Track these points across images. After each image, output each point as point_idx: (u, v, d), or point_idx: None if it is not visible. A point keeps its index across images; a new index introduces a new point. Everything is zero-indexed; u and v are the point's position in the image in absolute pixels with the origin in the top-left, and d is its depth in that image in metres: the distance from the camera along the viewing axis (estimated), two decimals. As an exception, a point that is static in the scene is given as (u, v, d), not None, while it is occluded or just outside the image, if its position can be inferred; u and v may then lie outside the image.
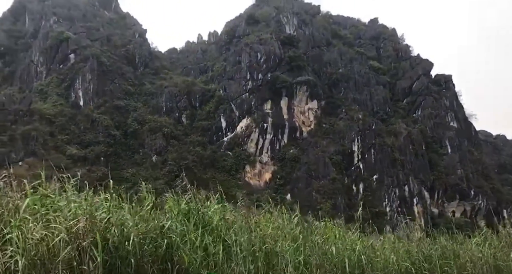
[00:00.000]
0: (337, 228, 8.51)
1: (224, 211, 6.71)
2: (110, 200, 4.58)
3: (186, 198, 6.57)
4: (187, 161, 49.27)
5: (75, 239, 3.83)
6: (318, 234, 7.77)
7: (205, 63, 71.07)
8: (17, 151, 47.05)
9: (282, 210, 8.41)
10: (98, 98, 57.27)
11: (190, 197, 6.75)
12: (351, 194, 54.91)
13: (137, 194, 6.36)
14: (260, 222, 7.47)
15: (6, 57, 68.79)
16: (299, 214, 8.30)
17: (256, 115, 56.68)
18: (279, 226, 7.40)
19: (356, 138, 57.45)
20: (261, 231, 6.84)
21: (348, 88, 66.29)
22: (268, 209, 8.16)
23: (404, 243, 8.11)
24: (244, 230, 6.52)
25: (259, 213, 8.43)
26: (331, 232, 7.90)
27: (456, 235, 7.86)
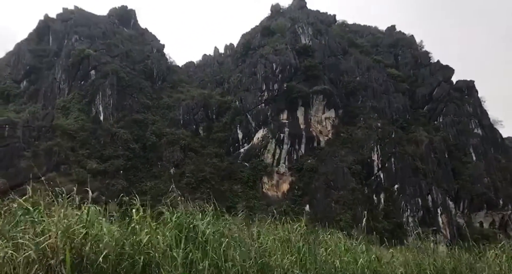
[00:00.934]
0: (343, 239, 8.16)
1: (220, 224, 6.50)
2: (89, 213, 4.38)
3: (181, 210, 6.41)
4: (205, 173, 49.37)
5: (43, 257, 3.68)
6: (325, 245, 7.46)
7: (221, 75, 71.82)
8: (40, 166, 48.30)
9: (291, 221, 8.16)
10: (117, 112, 58.49)
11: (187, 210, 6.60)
12: (371, 204, 53.52)
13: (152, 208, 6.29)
14: (260, 234, 7.22)
15: (32, 76, 71.50)
16: (319, 224, 7.98)
17: (273, 125, 56.50)
18: (281, 238, 7.13)
19: (376, 147, 56.31)
20: (261, 244, 6.58)
21: (366, 97, 65.41)
22: (280, 220, 7.98)
23: (415, 255, 7.68)
24: (240, 243, 6.28)
25: (269, 225, 8.17)
26: (337, 244, 7.57)
27: (485, 246, 7.41)
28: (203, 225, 5.87)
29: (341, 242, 7.69)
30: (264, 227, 8.29)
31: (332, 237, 8.16)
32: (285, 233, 7.50)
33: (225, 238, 5.91)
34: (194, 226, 5.79)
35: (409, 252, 8.23)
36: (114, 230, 4.36)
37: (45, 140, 51.14)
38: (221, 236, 5.98)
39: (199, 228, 5.79)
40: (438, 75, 73.52)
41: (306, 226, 9.23)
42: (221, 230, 6.15)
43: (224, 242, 5.73)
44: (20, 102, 66.96)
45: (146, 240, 4.34)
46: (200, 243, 5.54)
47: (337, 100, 61.56)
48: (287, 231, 7.62)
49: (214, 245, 5.59)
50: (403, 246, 8.49)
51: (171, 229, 5.63)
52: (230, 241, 5.91)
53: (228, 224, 6.85)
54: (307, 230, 8.47)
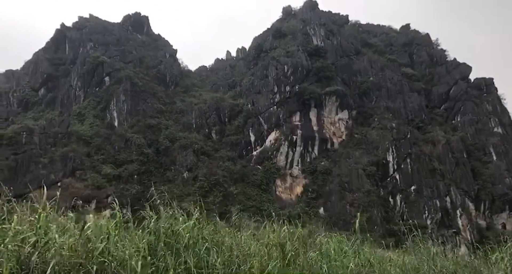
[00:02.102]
0: (335, 241, 7.85)
1: (204, 228, 6.29)
2: (40, 219, 4.15)
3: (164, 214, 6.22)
4: (217, 176, 49.35)
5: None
6: (321, 249, 7.17)
7: (233, 79, 71.94)
8: (56, 172, 49.27)
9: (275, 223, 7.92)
10: (131, 118, 59.24)
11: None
12: (387, 206, 52.47)
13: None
14: (248, 239, 6.98)
15: (49, 83, 73.15)
16: (333, 227, 7.65)
17: (285, 128, 56.13)
18: (267, 243, 6.86)
19: (391, 148, 55.20)
20: (247, 249, 6.34)
21: (380, 97, 64.32)
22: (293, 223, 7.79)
23: (412, 258, 7.31)
24: (224, 248, 6.05)
25: (265, 228, 7.92)
26: (335, 248, 7.28)
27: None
28: (184, 230, 5.67)
29: (338, 245, 7.40)
30: (260, 230, 8.03)
31: (330, 240, 7.86)
32: (280, 236, 7.19)
33: (206, 243, 5.71)
34: (173, 231, 5.62)
35: (409, 254, 7.85)
36: (70, 237, 4.13)
37: (61, 146, 52.22)
38: (203, 241, 5.77)
39: (179, 233, 5.61)
40: (455, 73, 71.70)
41: (309, 229, 8.97)
42: (200, 235, 5.89)
43: (203, 248, 5.51)
44: (38, 109, 68.54)
45: (102, 247, 4.08)
46: (178, 249, 5.35)
47: (350, 101, 60.76)
48: (283, 234, 7.32)
49: (192, 251, 5.40)
50: (401, 248, 8.10)
51: (149, 234, 5.46)
52: (210, 246, 5.69)
53: (212, 229, 6.62)
54: (306, 233, 8.21)
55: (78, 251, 3.91)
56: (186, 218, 6.16)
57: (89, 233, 4.24)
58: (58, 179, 48.67)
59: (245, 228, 7.95)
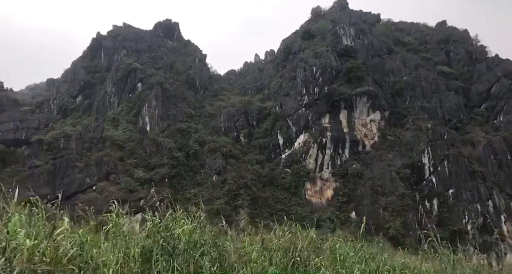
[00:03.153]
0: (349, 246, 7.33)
1: (205, 233, 5.99)
2: (13, 223, 3.96)
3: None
4: (246, 180, 49.20)
5: None
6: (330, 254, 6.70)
7: (261, 81, 71.88)
8: (91, 176, 51.02)
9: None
10: (162, 122, 60.52)
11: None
12: (423, 210, 50.14)
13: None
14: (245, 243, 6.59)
15: (86, 90, 76.30)
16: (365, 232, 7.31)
17: (314, 130, 55.19)
18: (271, 248, 6.44)
19: (426, 149, 52.82)
20: (248, 253, 5.96)
21: (415, 97, 61.85)
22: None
23: (428, 265, 6.68)
24: (224, 253, 5.72)
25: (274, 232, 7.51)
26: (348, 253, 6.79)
27: None
28: (183, 233, 5.41)
29: (352, 250, 6.91)
30: (269, 234, 7.62)
31: (342, 245, 7.34)
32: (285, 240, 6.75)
33: (202, 247, 5.43)
34: (172, 235, 5.39)
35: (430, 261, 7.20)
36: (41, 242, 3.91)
37: (96, 151, 54.08)
38: (200, 245, 5.48)
39: (177, 237, 5.37)
40: (496, 70, 67.70)
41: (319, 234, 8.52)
42: (199, 239, 5.59)
43: (198, 253, 5.21)
44: (76, 116, 71.56)
45: (72, 254, 3.85)
46: (175, 253, 5.10)
47: (382, 102, 58.85)
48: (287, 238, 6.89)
49: (188, 255, 5.12)
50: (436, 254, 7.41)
51: (144, 238, 5.29)
52: (206, 251, 5.37)
53: (213, 233, 6.34)
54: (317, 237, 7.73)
55: (46, 258, 3.70)
56: (190, 221, 5.92)
57: (60, 238, 4.02)
58: (93, 182, 50.35)
59: (265, 232, 7.50)
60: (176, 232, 5.22)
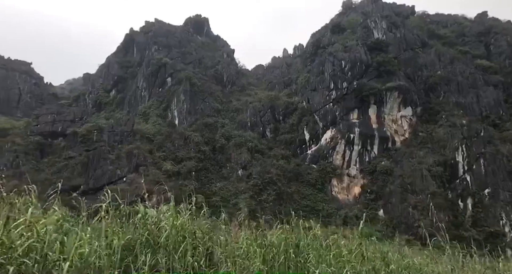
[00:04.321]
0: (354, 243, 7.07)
1: (197, 224, 5.93)
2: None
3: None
4: (271, 175, 49.08)
5: None
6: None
7: (289, 76, 71.18)
8: (122, 167, 52.62)
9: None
10: (190, 117, 61.44)
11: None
12: (456, 210, 48.12)
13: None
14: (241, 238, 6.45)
15: (119, 85, 78.80)
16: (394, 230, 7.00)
17: (342, 126, 54.08)
18: (265, 244, 6.27)
19: (460, 147, 50.47)
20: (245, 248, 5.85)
21: (449, 92, 59.15)
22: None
23: (433, 266, 6.35)
24: (205, 247, 5.58)
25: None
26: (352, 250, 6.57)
27: None
28: (172, 225, 5.34)
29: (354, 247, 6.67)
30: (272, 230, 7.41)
31: (346, 242, 7.09)
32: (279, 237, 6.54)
33: (185, 240, 5.35)
34: (159, 227, 5.35)
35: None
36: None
37: (127, 143, 55.68)
38: (184, 239, 5.39)
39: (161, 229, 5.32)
40: (541, 64, 63.60)
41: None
42: (187, 233, 5.51)
43: (181, 247, 5.10)
44: (109, 109, 74.13)
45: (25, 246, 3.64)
46: (161, 245, 5.06)
47: (414, 97, 56.72)
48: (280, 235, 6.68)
49: (173, 249, 5.06)
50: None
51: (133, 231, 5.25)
52: (189, 245, 5.26)
53: (206, 226, 6.22)
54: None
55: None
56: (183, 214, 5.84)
57: (16, 230, 3.88)
58: (123, 174, 51.88)
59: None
60: (161, 225, 5.15)
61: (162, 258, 4.51)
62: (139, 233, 5.08)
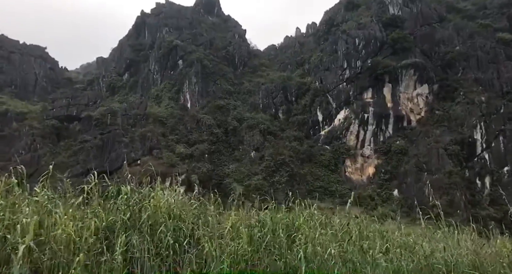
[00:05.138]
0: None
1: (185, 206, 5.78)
2: None
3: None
4: (283, 156, 48.92)
5: None
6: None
7: (302, 56, 69.76)
8: (136, 150, 53.28)
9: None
10: (202, 99, 61.31)
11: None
12: (473, 189, 47.22)
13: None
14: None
15: (131, 68, 78.88)
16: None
17: (355, 105, 53.05)
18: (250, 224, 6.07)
19: (479, 124, 49.00)
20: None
21: (468, 68, 56.94)
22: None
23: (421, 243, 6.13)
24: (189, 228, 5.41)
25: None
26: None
27: None
28: (153, 206, 5.18)
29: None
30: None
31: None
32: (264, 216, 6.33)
33: (178, 221, 5.22)
34: (142, 207, 5.20)
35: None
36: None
37: (140, 127, 56.16)
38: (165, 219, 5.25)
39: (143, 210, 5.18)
40: None
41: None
42: (171, 213, 5.35)
43: (160, 227, 4.92)
44: (123, 93, 74.52)
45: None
46: (142, 227, 4.94)
47: (431, 74, 54.93)
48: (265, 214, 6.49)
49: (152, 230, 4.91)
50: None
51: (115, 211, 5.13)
52: (170, 226, 5.09)
53: (194, 207, 6.05)
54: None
55: None
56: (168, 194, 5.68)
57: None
58: (137, 157, 52.57)
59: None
60: (143, 205, 5.01)
61: (136, 239, 4.37)
62: (120, 214, 4.97)
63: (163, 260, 4.51)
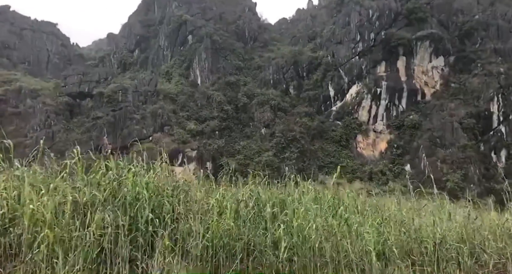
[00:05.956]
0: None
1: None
2: None
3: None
4: (294, 133, 48.65)
5: None
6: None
7: (313, 29, 67.82)
8: (148, 127, 53.74)
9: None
10: (212, 75, 60.81)
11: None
12: (488, 163, 46.44)
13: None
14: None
15: (142, 44, 78.27)
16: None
17: (368, 80, 51.82)
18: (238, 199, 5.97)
19: (496, 97, 47.53)
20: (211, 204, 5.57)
21: (487, 38, 54.63)
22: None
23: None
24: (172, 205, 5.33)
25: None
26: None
27: None
28: (132, 181, 5.08)
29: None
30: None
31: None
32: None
33: (161, 197, 5.15)
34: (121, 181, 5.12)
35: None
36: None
37: (151, 103, 56.36)
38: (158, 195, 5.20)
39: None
40: None
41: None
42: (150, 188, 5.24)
43: (137, 203, 4.81)
44: (134, 69, 74.30)
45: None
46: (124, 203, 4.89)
47: (447, 46, 52.95)
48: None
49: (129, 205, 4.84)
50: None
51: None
52: (147, 202, 4.97)
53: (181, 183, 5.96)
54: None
55: None
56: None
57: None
58: (149, 133, 53.09)
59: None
60: (122, 180, 4.94)
61: (110, 215, 4.31)
62: (100, 189, 4.93)
63: (142, 236, 4.47)
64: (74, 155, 5.05)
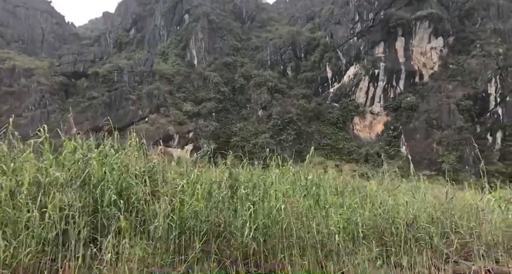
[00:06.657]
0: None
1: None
2: None
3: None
4: (291, 114, 48.47)
5: None
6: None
7: (312, 9, 66.58)
8: (144, 108, 53.40)
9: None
10: (209, 56, 60.01)
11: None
12: (484, 145, 46.48)
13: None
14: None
15: (138, 23, 76.83)
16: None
17: (366, 61, 51.23)
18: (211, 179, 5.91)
19: (494, 78, 47.12)
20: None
21: (487, 18, 53.69)
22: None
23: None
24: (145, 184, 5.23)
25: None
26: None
27: None
28: (99, 161, 4.98)
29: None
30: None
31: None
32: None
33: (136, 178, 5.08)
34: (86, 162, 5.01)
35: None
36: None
37: (147, 84, 55.83)
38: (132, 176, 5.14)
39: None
40: None
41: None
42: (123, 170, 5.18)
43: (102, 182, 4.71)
44: (130, 49, 73.26)
45: None
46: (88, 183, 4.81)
47: (447, 26, 52.09)
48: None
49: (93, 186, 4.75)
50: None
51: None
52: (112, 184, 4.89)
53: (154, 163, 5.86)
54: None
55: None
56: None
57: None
58: (145, 114, 52.84)
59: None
60: (86, 161, 4.84)
61: (70, 196, 4.23)
62: (65, 169, 4.83)
63: (105, 217, 4.42)
64: (40, 134, 4.95)
